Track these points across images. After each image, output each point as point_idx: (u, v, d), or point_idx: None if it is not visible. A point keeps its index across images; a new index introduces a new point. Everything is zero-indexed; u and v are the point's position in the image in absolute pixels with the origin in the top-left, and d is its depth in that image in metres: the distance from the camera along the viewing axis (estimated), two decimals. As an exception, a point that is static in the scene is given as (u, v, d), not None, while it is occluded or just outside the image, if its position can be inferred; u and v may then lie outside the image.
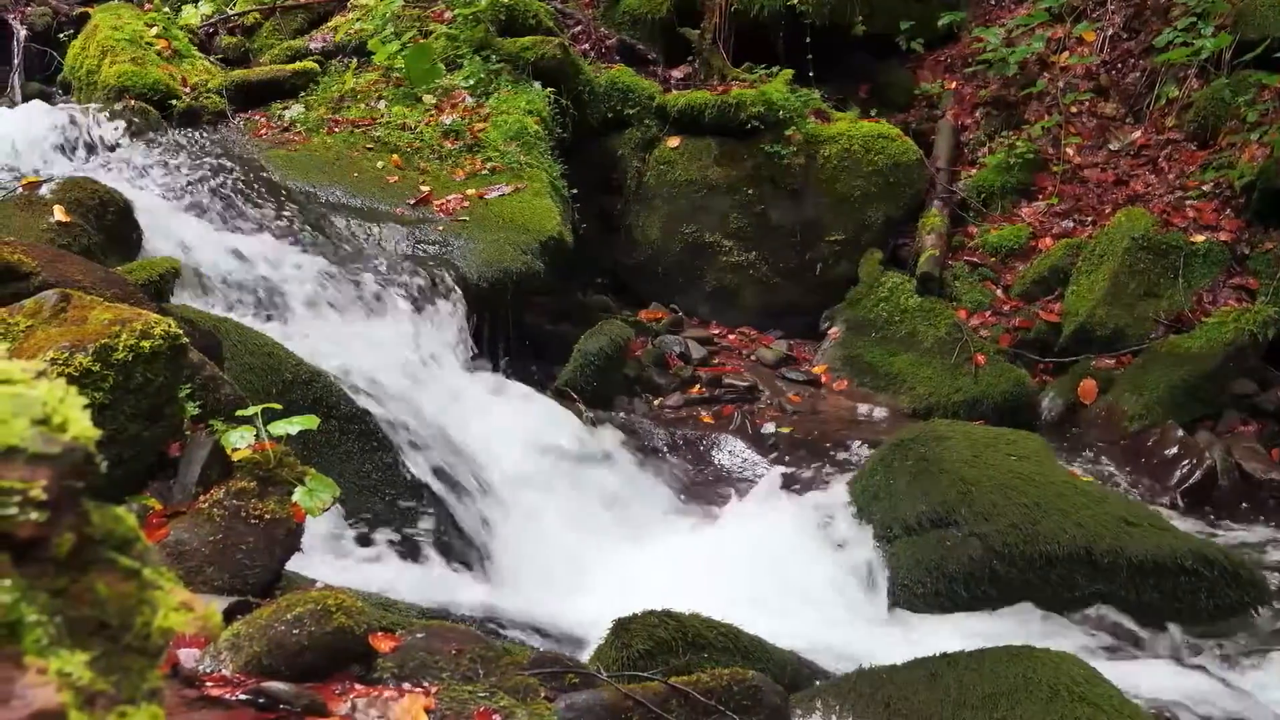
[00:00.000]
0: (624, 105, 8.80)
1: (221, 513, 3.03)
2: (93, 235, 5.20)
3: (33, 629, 0.78)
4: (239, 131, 7.86)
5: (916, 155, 8.68)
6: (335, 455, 4.84)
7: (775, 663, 3.92)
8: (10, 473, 0.80)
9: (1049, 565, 5.04)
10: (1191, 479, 6.45)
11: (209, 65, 8.72)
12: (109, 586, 0.86)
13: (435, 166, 7.59)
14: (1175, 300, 7.49)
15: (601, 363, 7.01)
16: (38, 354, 2.74)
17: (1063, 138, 8.81)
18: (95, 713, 0.79)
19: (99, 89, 7.99)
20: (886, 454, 5.88)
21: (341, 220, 6.80)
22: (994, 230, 8.46)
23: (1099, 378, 7.33)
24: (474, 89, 8.19)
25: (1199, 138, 8.51)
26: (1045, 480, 5.41)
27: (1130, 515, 5.26)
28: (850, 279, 8.42)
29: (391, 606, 3.85)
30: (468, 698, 2.61)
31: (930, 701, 3.51)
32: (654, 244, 8.68)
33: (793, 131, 8.49)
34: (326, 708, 2.38)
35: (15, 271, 3.53)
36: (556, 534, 5.45)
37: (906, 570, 5.24)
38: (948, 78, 9.71)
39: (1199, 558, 5.06)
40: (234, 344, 4.68)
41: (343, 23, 9.19)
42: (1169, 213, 8.02)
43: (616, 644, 3.59)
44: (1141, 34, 9.22)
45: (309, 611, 2.56)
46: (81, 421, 0.86)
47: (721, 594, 4.41)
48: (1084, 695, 3.43)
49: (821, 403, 7.54)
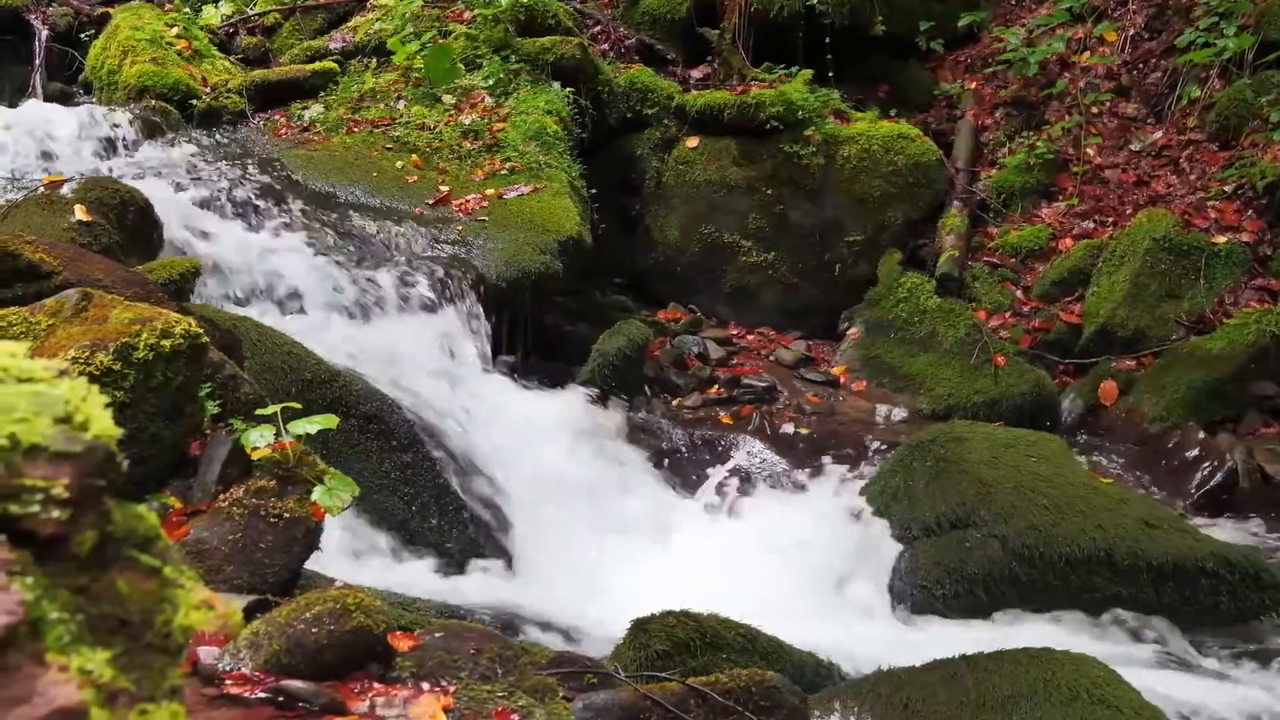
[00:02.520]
0: (643, 105, 8.80)
1: (241, 511, 3.03)
2: (113, 234, 5.21)
3: (54, 626, 0.78)
4: (259, 131, 7.89)
5: (936, 155, 8.65)
6: (354, 454, 4.85)
7: (793, 664, 3.91)
8: (33, 471, 0.80)
9: (1069, 567, 5.02)
10: (1213, 481, 6.41)
11: (229, 65, 8.75)
12: (130, 584, 0.86)
13: (454, 166, 7.60)
14: (1196, 301, 7.46)
15: (620, 363, 7.00)
16: (59, 353, 2.75)
17: (1083, 138, 8.78)
18: (116, 710, 0.80)
19: (120, 89, 8.02)
20: (905, 455, 5.87)
21: (361, 220, 6.81)
22: (1014, 231, 8.43)
23: (1119, 379, 7.30)
24: (493, 89, 8.20)
25: (1221, 138, 8.47)
26: (1065, 482, 5.39)
27: (1151, 517, 5.24)
28: (869, 279, 8.40)
29: (410, 605, 3.85)
30: (486, 697, 2.61)
31: (949, 703, 3.50)
32: (673, 244, 8.67)
33: (812, 132, 8.47)
34: (345, 706, 2.38)
35: (37, 270, 3.54)
36: (574, 533, 5.45)
37: (925, 571, 5.23)
38: (968, 78, 9.68)
39: (1220, 560, 5.04)
40: (254, 343, 4.69)
41: (362, 23, 9.20)
42: (1190, 213, 7.98)
43: (634, 644, 3.59)
44: (1163, 34, 9.18)
45: (328, 610, 2.57)
46: (103, 420, 0.86)
47: (739, 594, 4.40)
48: (1104, 697, 3.41)
49: (840, 403, 7.53)
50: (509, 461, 5.53)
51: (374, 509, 4.79)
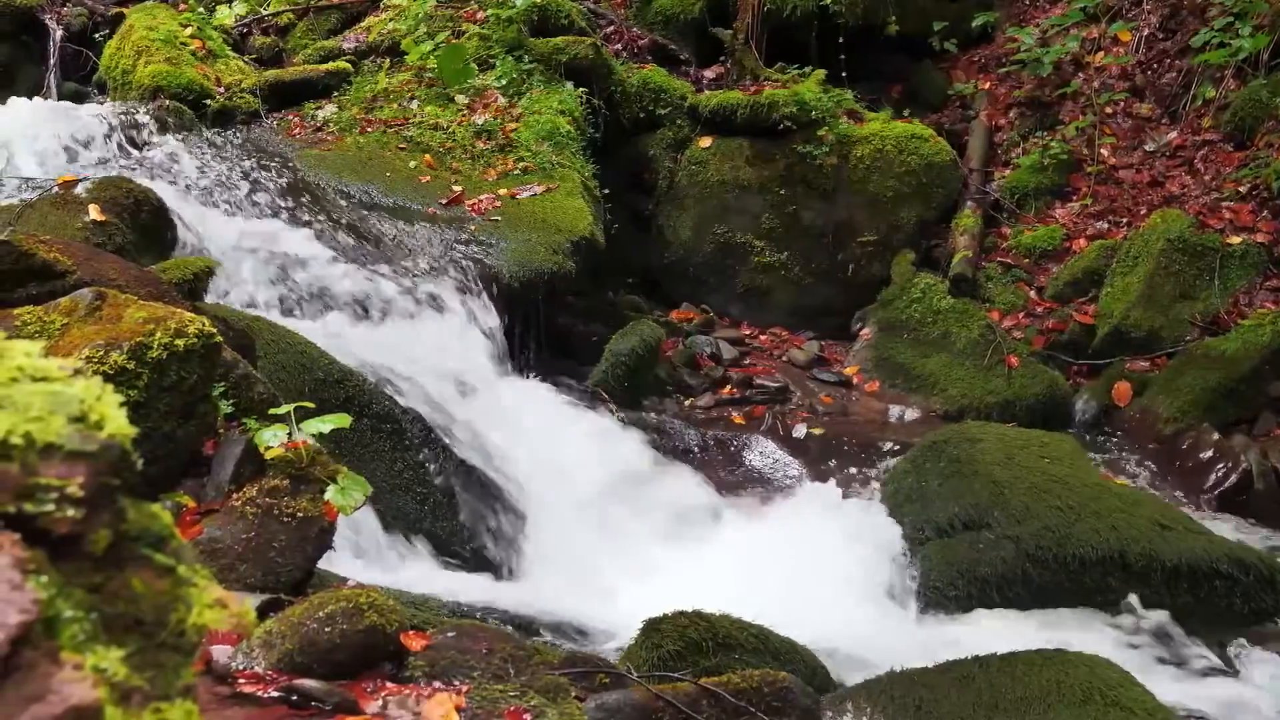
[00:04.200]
0: (656, 105, 8.80)
1: (254, 510, 3.04)
2: (127, 234, 5.23)
3: (69, 625, 0.78)
4: (272, 131, 7.90)
5: (949, 156, 8.64)
6: (367, 454, 4.86)
7: (806, 664, 3.91)
8: (48, 469, 0.80)
9: (1082, 568, 5.01)
10: (1227, 482, 6.39)
11: (243, 65, 8.77)
12: (144, 583, 0.86)
13: (467, 166, 7.61)
14: (1211, 302, 7.43)
15: (633, 363, 7.01)
16: (73, 352, 2.75)
17: (1097, 138, 8.75)
18: (130, 709, 0.80)
19: (134, 89, 8.04)
20: (918, 456, 5.86)
21: (374, 219, 6.82)
22: (1028, 231, 8.42)
23: (1133, 380, 7.28)
24: (506, 89, 8.20)
25: (1236, 139, 8.44)
26: (1079, 483, 5.38)
27: (1164, 518, 5.22)
28: (882, 280, 8.38)
29: (422, 605, 3.85)
30: (498, 697, 2.61)
31: (962, 705, 3.49)
32: (685, 244, 8.67)
33: (825, 132, 8.46)
34: (358, 705, 2.39)
35: (51, 270, 3.55)
36: (586, 534, 5.45)
37: (938, 572, 5.23)
38: (981, 78, 9.67)
39: (1234, 562, 5.02)
40: (267, 342, 4.69)
41: (376, 23, 9.22)
42: (1205, 214, 7.95)
43: (647, 644, 3.59)
44: (1178, 34, 9.15)
45: (341, 610, 2.57)
46: (118, 419, 0.86)
47: (752, 595, 4.40)
48: (1117, 699, 3.40)
49: (853, 404, 7.52)
50: (522, 461, 5.53)
51: (387, 508, 4.79)
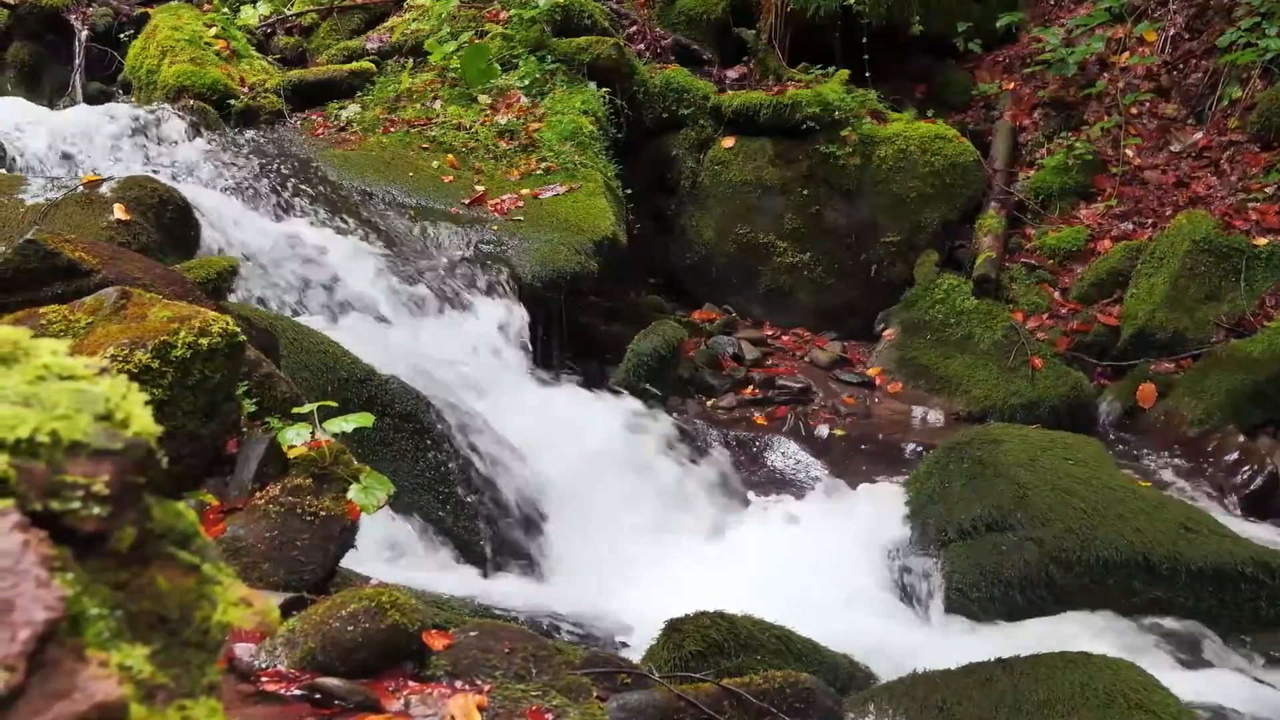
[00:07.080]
0: (679, 105, 8.78)
1: (277, 509, 3.04)
2: (152, 233, 5.24)
3: (94, 622, 0.79)
4: (296, 131, 7.93)
5: (974, 156, 8.60)
6: (390, 453, 4.87)
7: (828, 666, 3.90)
8: (74, 467, 0.80)
9: (1106, 571, 4.98)
10: (1252, 485, 6.36)
11: (266, 65, 8.80)
12: (169, 581, 0.86)
13: (490, 166, 7.62)
14: (1237, 304, 7.38)
15: (655, 363, 7.00)
16: (98, 350, 2.76)
17: (1122, 139, 8.71)
18: (155, 706, 0.80)
19: (159, 89, 8.08)
20: (941, 457, 5.84)
21: (397, 219, 6.84)
22: (1052, 232, 8.38)
23: (1158, 382, 7.24)
24: (529, 89, 8.21)
25: (1262, 139, 8.39)
26: (1102, 485, 5.35)
27: (1189, 521, 5.19)
28: (906, 280, 8.36)
29: (444, 604, 3.86)
30: (520, 696, 2.61)
31: (984, 707, 3.48)
32: (708, 244, 8.66)
33: (848, 132, 8.44)
34: (380, 704, 2.39)
35: (76, 269, 3.57)
36: (610, 534, 5.45)
37: (961, 574, 5.21)
38: (1006, 78, 9.63)
39: (1259, 565, 4.99)
40: (290, 342, 4.71)
41: (399, 23, 9.24)
42: (1231, 215, 7.91)
43: (669, 644, 3.59)
44: (1204, 34, 9.10)
45: (363, 608, 2.58)
46: (143, 417, 0.86)
47: (774, 596, 4.40)
48: (1141, 702, 3.39)
49: (876, 405, 7.50)
50: (543, 461, 5.54)
51: (409, 508, 4.80)
